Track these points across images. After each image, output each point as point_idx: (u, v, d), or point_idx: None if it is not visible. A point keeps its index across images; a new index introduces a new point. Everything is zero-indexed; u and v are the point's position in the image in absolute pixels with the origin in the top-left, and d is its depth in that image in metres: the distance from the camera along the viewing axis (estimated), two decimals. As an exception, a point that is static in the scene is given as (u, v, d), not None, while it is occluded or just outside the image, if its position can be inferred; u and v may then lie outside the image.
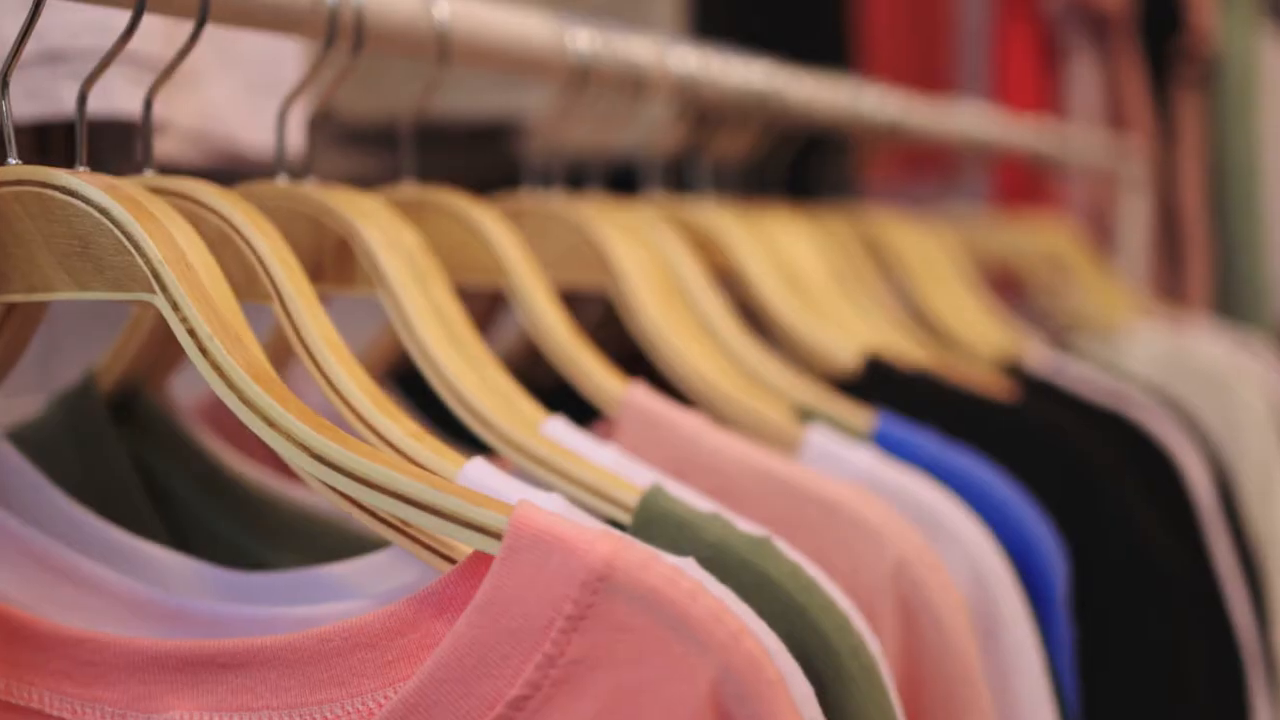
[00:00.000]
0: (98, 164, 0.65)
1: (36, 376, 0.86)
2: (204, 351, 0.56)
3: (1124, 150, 1.99)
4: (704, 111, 1.11)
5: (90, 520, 0.68)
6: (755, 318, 1.00)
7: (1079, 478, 0.86)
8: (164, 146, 0.97)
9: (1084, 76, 2.17)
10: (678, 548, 0.62)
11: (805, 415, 0.83)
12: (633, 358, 0.87)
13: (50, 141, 0.95)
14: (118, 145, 0.97)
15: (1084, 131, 2.06)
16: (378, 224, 0.71)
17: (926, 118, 1.29)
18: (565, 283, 0.87)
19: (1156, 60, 2.16)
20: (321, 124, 1.18)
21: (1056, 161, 1.62)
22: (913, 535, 0.69)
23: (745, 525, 0.65)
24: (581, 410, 0.74)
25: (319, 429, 0.56)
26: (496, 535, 0.53)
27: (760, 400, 0.84)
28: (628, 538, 0.53)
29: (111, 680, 0.60)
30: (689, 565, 0.57)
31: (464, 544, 0.54)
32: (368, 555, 0.64)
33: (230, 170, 1.01)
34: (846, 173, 1.43)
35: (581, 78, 0.89)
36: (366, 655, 0.57)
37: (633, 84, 0.93)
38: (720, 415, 0.81)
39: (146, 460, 0.75)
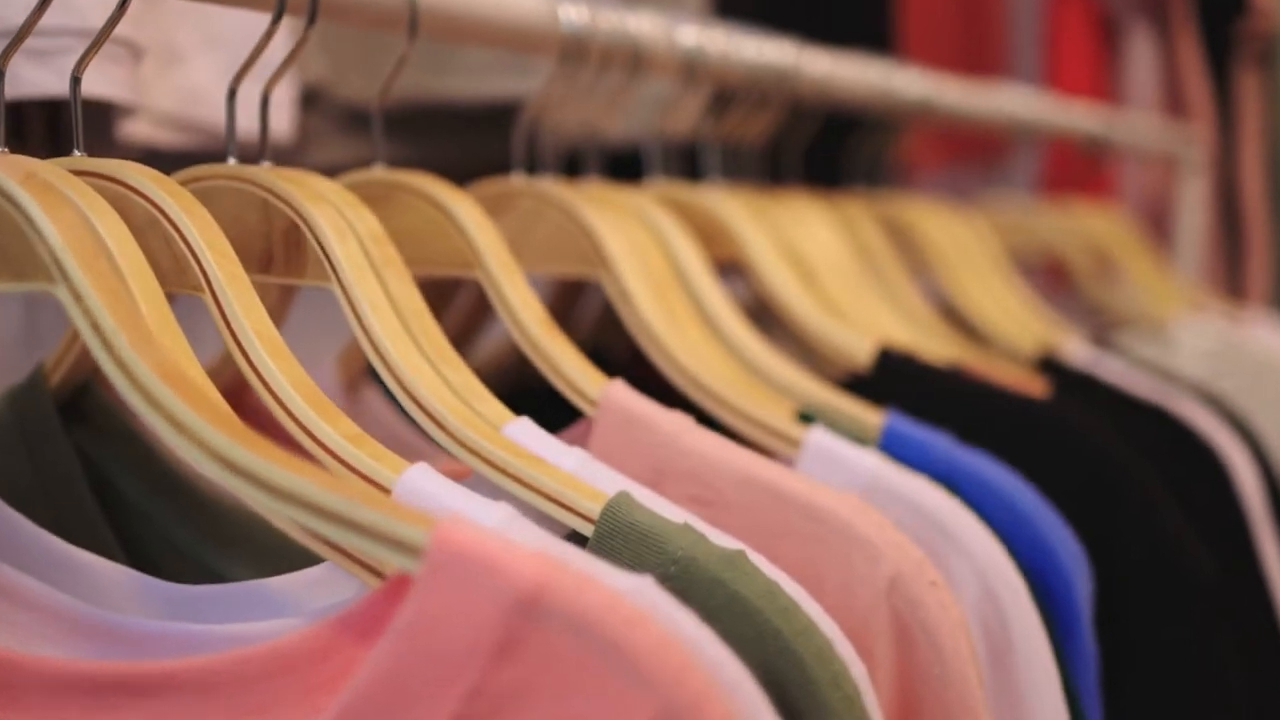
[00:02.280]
0: (69, 146, 0.61)
1: (23, 368, 0.82)
2: (107, 347, 0.51)
3: (1183, 134, 1.90)
4: (719, 92, 1.06)
5: (27, 527, 0.64)
6: (769, 311, 0.94)
7: (1104, 482, 0.80)
8: (140, 129, 0.93)
9: (1141, 59, 2.09)
10: (641, 562, 0.57)
11: (808, 414, 0.77)
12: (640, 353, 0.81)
13: (24, 125, 0.91)
14: (95, 126, 0.92)
15: (1138, 115, 1.98)
16: (331, 208, 0.65)
17: (961, 97, 1.22)
18: (555, 271, 0.82)
19: (1215, 41, 2.07)
20: (327, 108, 1.13)
21: (1105, 144, 1.54)
22: (910, 548, 0.63)
23: (720, 538, 0.59)
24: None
25: (234, 434, 0.50)
26: (419, 553, 0.47)
27: (760, 398, 0.78)
28: (562, 557, 0.47)
29: (25, 704, 0.55)
30: (644, 586, 0.51)
31: (386, 562, 0.49)
32: (308, 569, 0.59)
33: (216, 152, 0.96)
34: (886, 161, 1.37)
35: (576, 53, 0.83)
36: (288, 681, 0.52)
37: (633, 61, 0.87)
38: (715, 414, 0.76)
39: (96, 459, 0.71)
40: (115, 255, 0.54)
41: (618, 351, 0.95)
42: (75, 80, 0.62)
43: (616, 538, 0.58)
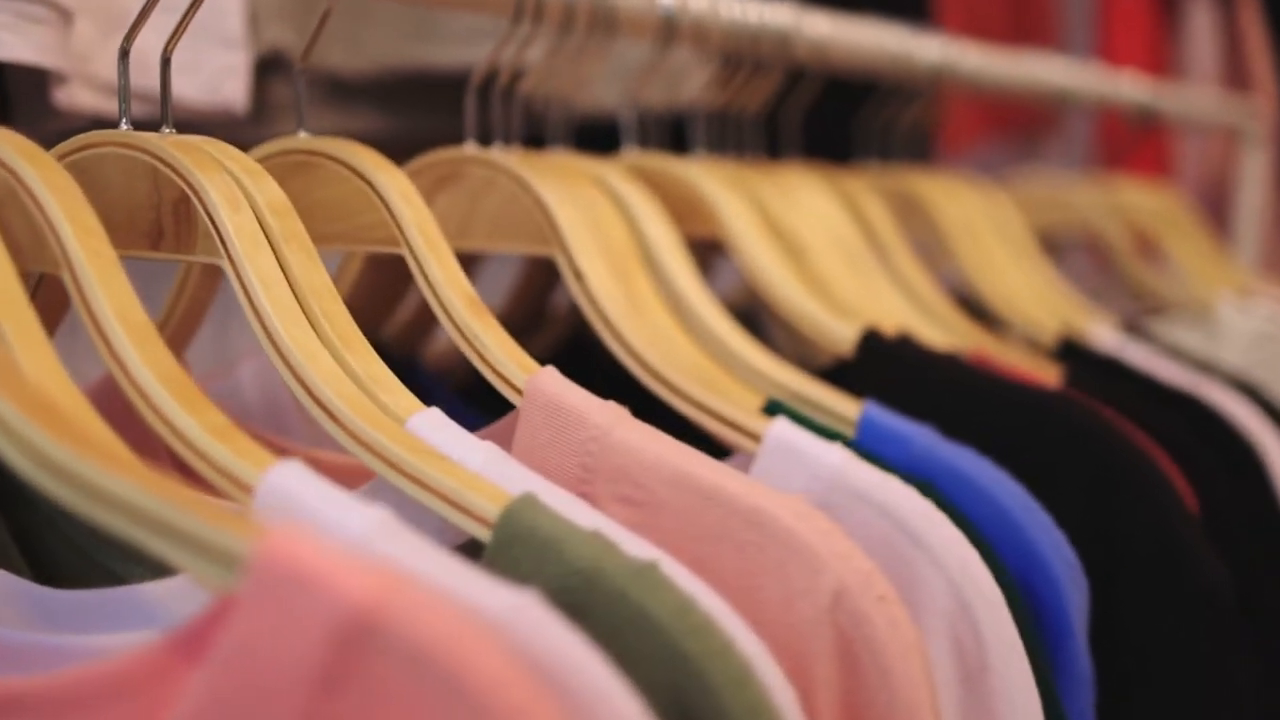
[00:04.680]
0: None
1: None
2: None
3: (1243, 106, 1.80)
4: (708, 58, 0.99)
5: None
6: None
7: (1107, 481, 0.72)
8: (84, 98, 0.87)
9: (1201, 32, 1.99)
10: (541, 572, 0.50)
11: (775, 405, 0.71)
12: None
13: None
14: (29, 94, 0.87)
15: (1195, 86, 1.88)
16: (226, 177, 0.59)
17: (983, 63, 1.14)
18: (506, 248, 0.75)
19: (1278, 12, 1.97)
20: (311, 79, 1.07)
21: (1153, 115, 1.45)
22: (857, 559, 0.56)
23: (637, 546, 0.53)
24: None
25: (55, 431, 0.44)
26: (242, 567, 0.41)
27: (725, 387, 0.71)
28: (410, 574, 0.41)
29: None
30: (524, 604, 0.45)
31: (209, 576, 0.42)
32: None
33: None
34: (916, 134, 1.29)
35: (533, 10, 0.76)
36: (127, 707, 0.46)
37: (602, 20, 0.81)
38: (672, 405, 0.69)
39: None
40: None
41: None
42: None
43: (516, 545, 0.51)
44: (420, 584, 0.41)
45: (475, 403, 0.77)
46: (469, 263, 0.90)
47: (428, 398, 0.82)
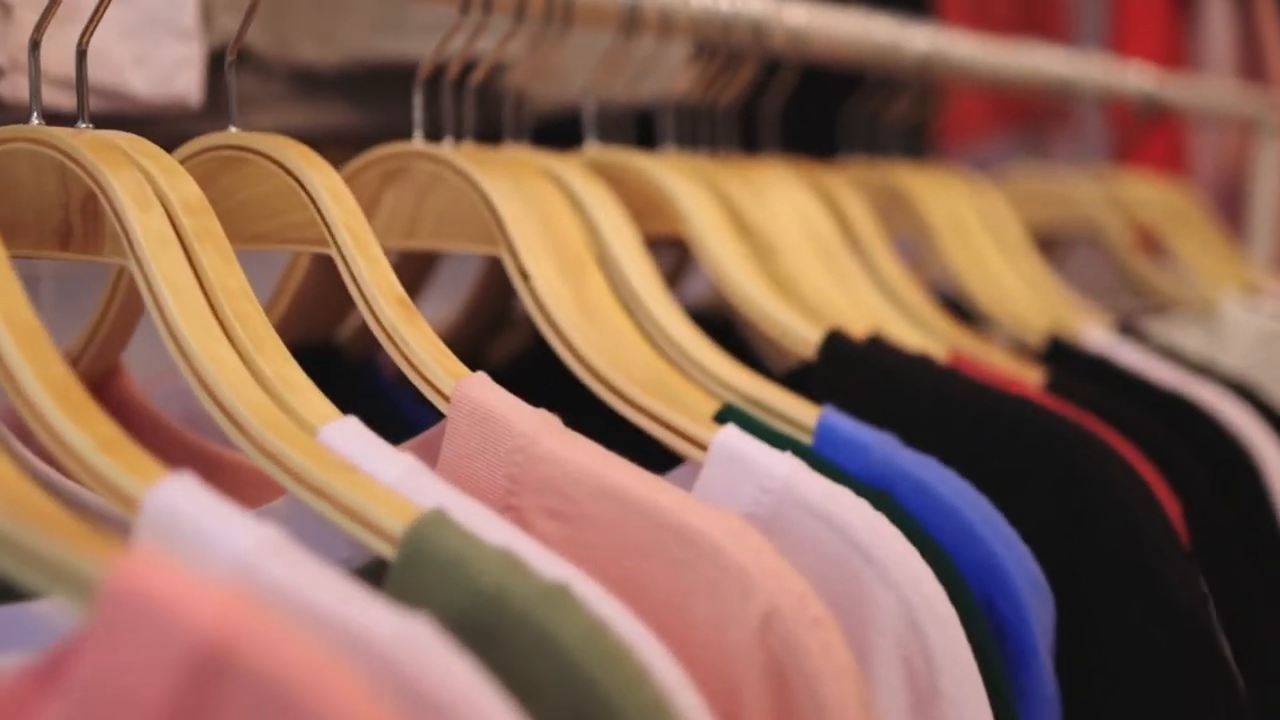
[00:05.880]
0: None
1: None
2: None
3: (1259, 98, 1.76)
4: (695, 48, 0.96)
5: None
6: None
7: (1076, 492, 0.69)
8: (24, 91, 0.85)
9: (1217, 24, 1.95)
10: (445, 593, 0.48)
11: (729, 412, 0.67)
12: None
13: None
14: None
15: (1208, 77, 1.84)
16: (137, 174, 0.57)
17: (974, 54, 1.11)
18: (452, 246, 0.73)
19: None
20: (275, 71, 1.04)
21: (1159, 105, 1.41)
22: (790, 579, 0.52)
23: (554, 565, 0.50)
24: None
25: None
26: (94, 593, 0.38)
27: (678, 393, 0.68)
28: (263, 603, 0.38)
29: None
30: (410, 630, 0.42)
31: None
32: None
33: (119, 116, 0.88)
34: (918, 130, 1.25)
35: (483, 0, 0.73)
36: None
37: (558, 9, 0.78)
38: (620, 412, 0.66)
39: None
40: None
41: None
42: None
43: (422, 564, 0.48)
44: (279, 612, 0.38)
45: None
46: (430, 260, 0.88)
47: (379, 401, 0.79)
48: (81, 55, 0.61)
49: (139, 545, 0.41)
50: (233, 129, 0.66)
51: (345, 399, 0.81)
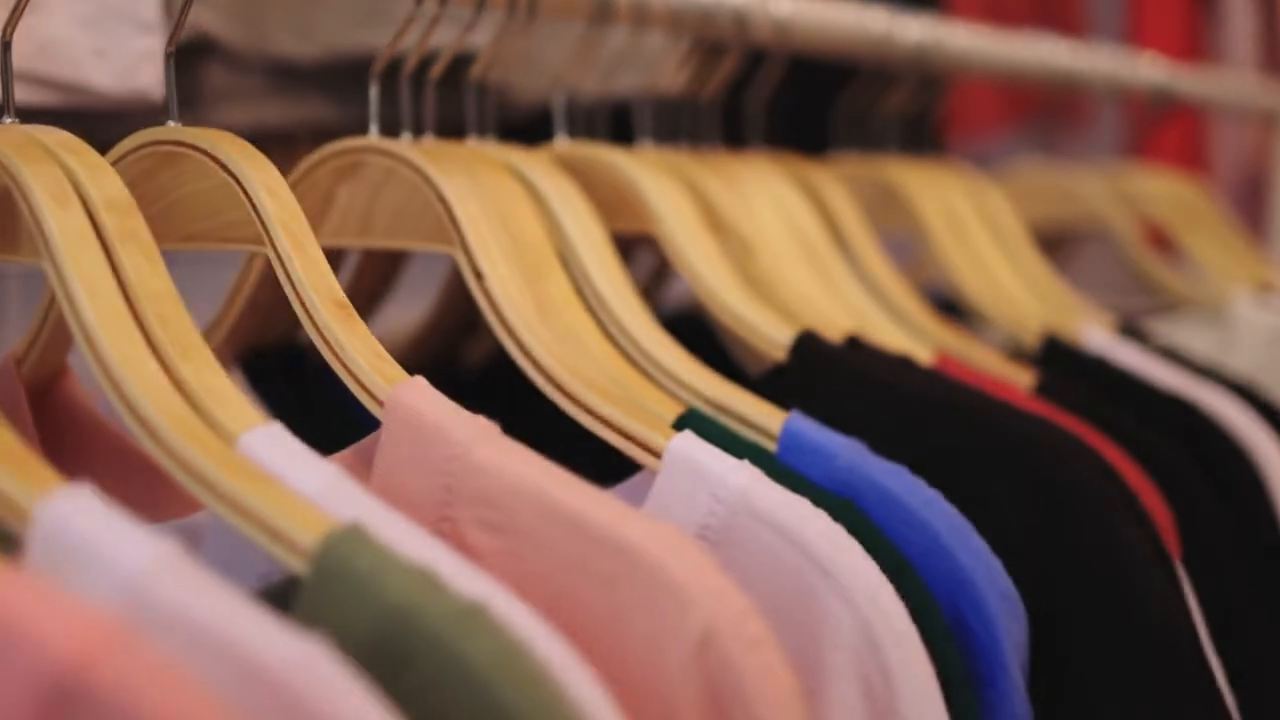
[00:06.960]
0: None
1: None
2: None
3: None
4: (676, 39, 0.93)
5: None
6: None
7: (1052, 502, 0.66)
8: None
9: (1238, 16, 1.91)
10: (357, 613, 0.45)
11: (690, 418, 0.65)
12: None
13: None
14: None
15: (1227, 70, 1.80)
16: (56, 170, 0.54)
17: (970, 45, 1.07)
18: (407, 245, 0.70)
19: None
20: (251, 65, 1.02)
21: (1171, 97, 1.37)
22: (731, 596, 0.50)
23: (478, 582, 0.47)
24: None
25: None
26: (-50, 618, 0.36)
27: (638, 398, 0.66)
28: (127, 630, 0.35)
29: None
30: (306, 654, 0.40)
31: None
32: None
33: (78, 110, 0.86)
34: (921, 124, 1.22)
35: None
36: None
37: (527, 1, 0.75)
38: (575, 418, 0.63)
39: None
40: None
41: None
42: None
43: (334, 581, 0.46)
44: (153, 639, 0.35)
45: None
46: (399, 257, 0.85)
47: (346, 405, 0.76)
48: (6, 46, 0.59)
49: (23, 563, 0.38)
50: (171, 123, 0.64)
51: (307, 402, 0.80)
